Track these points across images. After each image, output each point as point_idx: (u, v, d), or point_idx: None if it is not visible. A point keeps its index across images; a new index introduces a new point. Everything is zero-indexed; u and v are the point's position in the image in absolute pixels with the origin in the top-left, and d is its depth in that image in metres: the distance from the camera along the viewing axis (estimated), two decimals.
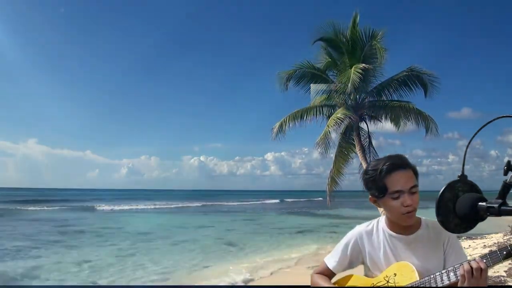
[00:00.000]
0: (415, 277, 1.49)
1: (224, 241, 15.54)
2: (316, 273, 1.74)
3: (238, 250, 13.43)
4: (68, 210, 33.41)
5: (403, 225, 1.59)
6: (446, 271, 1.45)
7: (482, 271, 1.37)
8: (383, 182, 1.52)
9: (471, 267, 1.37)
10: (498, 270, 6.64)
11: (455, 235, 1.62)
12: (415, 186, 1.53)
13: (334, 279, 1.72)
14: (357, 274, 1.69)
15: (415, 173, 1.57)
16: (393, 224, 1.62)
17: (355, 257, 1.68)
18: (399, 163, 1.54)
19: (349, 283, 1.67)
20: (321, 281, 1.69)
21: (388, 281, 1.55)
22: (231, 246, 14.32)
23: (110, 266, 10.47)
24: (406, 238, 1.60)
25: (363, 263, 1.68)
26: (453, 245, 1.59)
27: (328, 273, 1.71)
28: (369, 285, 1.61)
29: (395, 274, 1.55)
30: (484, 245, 10.11)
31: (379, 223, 1.68)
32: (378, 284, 1.58)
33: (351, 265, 1.70)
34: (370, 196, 1.61)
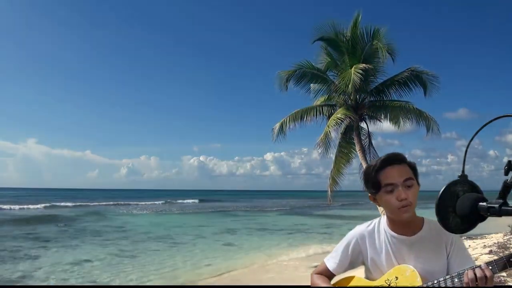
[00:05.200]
0: (418, 282, 1.44)
1: (224, 241, 15.55)
2: (316, 274, 1.70)
3: (237, 250, 13.42)
4: (68, 210, 33.40)
5: (403, 223, 1.54)
6: (450, 277, 1.40)
7: (487, 280, 1.30)
8: (377, 177, 1.50)
9: (475, 275, 1.32)
10: None
11: (458, 236, 1.58)
12: (410, 178, 1.48)
13: (334, 280, 1.68)
14: (359, 276, 1.65)
15: (413, 169, 1.52)
16: (394, 225, 1.57)
17: (356, 258, 1.64)
18: (392, 158, 1.51)
19: (350, 285, 1.63)
20: (321, 282, 1.65)
21: (389, 285, 1.50)
22: (230, 246, 14.33)
23: (110, 266, 10.47)
24: (408, 239, 1.54)
25: (364, 264, 1.64)
26: (458, 248, 1.53)
27: (328, 274, 1.67)
28: None
29: (396, 278, 1.50)
30: (484, 245, 10.09)
31: (380, 224, 1.63)
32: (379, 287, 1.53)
33: (351, 266, 1.66)
34: (369, 194, 1.58)
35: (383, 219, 1.63)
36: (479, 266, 1.35)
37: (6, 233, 16.86)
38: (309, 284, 1.71)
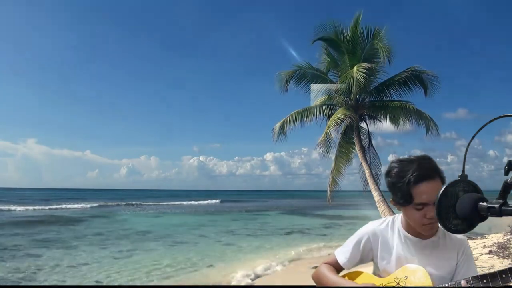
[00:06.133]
0: (426, 284, 1.44)
1: (224, 241, 15.55)
2: (325, 263, 1.71)
3: (238, 250, 13.42)
4: (67, 210, 33.40)
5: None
6: (455, 284, 1.40)
7: None
8: (409, 192, 1.43)
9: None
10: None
11: (468, 244, 1.59)
12: None
13: (342, 273, 1.69)
14: (366, 271, 1.65)
15: (442, 181, 1.46)
16: (410, 226, 1.56)
17: (366, 255, 1.64)
18: (428, 173, 1.43)
19: (357, 280, 1.63)
20: (329, 272, 1.66)
21: (398, 283, 1.50)
22: (231, 246, 14.32)
23: (110, 266, 10.47)
24: (421, 242, 1.55)
25: (373, 261, 1.65)
26: (467, 257, 1.55)
27: (337, 267, 1.68)
28: (378, 285, 1.56)
29: (406, 277, 1.50)
30: (484, 245, 10.08)
31: (395, 222, 1.62)
32: (388, 285, 1.53)
33: (361, 262, 1.66)
34: (391, 199, 1.55)
35: (398, 218, 1.62)
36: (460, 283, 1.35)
37: (7, 234, 16.86)
38: (309, 284, 1.71)
